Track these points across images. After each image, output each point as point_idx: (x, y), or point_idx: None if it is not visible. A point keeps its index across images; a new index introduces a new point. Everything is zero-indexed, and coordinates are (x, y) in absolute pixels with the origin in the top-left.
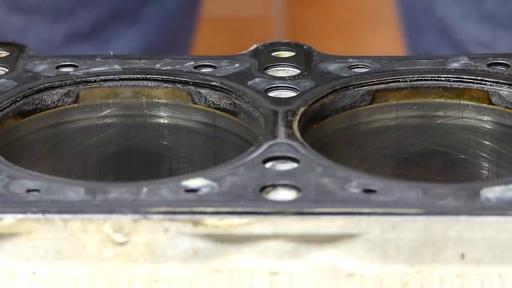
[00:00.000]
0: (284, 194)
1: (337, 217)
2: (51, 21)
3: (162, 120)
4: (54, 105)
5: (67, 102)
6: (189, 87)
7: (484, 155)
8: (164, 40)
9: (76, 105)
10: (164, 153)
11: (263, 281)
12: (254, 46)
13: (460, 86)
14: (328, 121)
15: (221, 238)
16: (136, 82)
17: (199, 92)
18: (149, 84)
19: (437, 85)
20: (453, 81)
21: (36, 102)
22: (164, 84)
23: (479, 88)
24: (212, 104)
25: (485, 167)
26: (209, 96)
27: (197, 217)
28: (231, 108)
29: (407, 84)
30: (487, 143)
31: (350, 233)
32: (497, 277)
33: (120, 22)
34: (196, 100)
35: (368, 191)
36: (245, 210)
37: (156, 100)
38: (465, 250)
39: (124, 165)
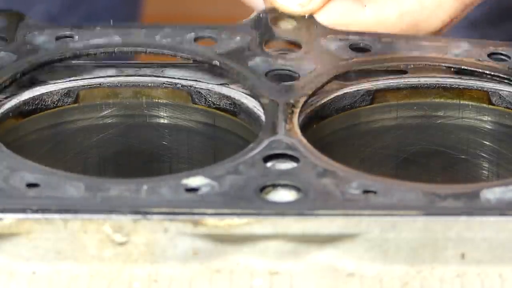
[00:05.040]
0: (284, 194)
1: (337, 217)
2: None
3: (162, 120)
4: (54, 105)
5: (67, 102)
6: (189, 87)
7: (484, 155)
8: None
9: (76, 105)
10: (164, 153)
11: (263, 281)
12: (255, 14)
13: (460, 86)
14: (328, 121)
15: (221, 238)
16: (136, 80)
17: (199, 92)
18: (149, 85)
19: (437, 85)
20: (453, 79)
21: (36, 102)
22: (164, 84)
23: (479, 88)
24: (212, 104)
25: (485, 167)
26: (209, 96)
27: (197, 217)
28: (231, 108)
29: (407, 84)
30: (487, 143)
31: (350, 233)
32: (497, 277)
33: (72, 16)
34: (196, 100)
35: (368, 192)
36: (245, 212)
37: (156, 100)
38: (465, 250)
39: (124, 165)
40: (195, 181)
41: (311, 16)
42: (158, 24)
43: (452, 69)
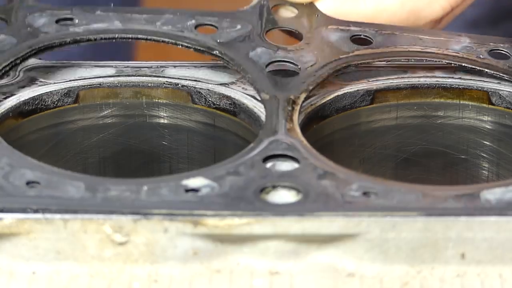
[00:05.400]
0: (284, 195)
1: (337, 217)
2: None
3: (162, 120)
4: (54, 105)
5: (67, 102)
6: (189, 87)
7: (484, 155)
8: None
9: (76, 105)
10: (164, 153)
11: (263, 281)
12: (256, 1)
13: (460, 86)
14: (328, 121)
15: (221, 238)
16: (136, 80)
17: (199, 92)
18: (149, 85)
19: (437, 85)
20: (453, 79)
21: (36, 102)
22: (164, 84)
23: (479, 88)
24: (212, 104)
25: (485, 167)
26: (209, 96)
27: (197, 217)
28: (231, 108)
29: (407, 84)
30: (487, 143)
31: (350, 233)
32: (497, 277)
33: None
34: (196, 100)
35: (368, 193)
36: (245, 214)
37: (156, 100)
38: (465, 250)
39: (124, 165)
40: (195, 182)
41: (312, 4)
42: (159, 9)
43: (453, 64)
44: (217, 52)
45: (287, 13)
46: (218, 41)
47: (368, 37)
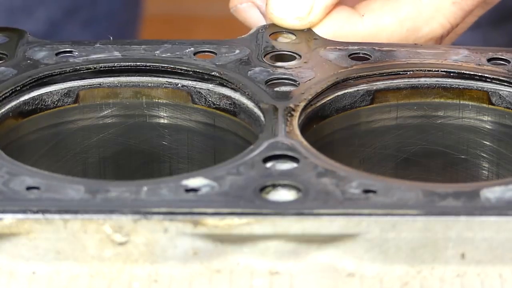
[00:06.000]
0: (284, 194)
1: (337, 217)
2: (5, 22)
3: (162, 120)
4: (54, 105)
5: (67, 102)
6: (189, 87)
7: (484, 155)
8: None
9: (76, 105)
10: (164, 153)
11: (263, 281)
12: (254, 29)
13: (460, 86)
14: (328, 121)
15: (221, 238)
16: (136, 80)
17: (199, 92)
18: (149, 85)
19: (437, 85)
20: (453, 80)
21: (36, 102)
22: (164, 84)
23: (479, 88)
24: (212, 104)
25: (485, 167)
26: (209, 96)
27: (197, 217)
28: (231, 108)
29: (407, 84)
30: (487, 143)
31: (350, 233)
32: (497, 277)
33: (74, 21)
34: (196, 100)
35: (368, 191)
36: (245, 211)
37: (156, 100)
38: (465, 250)
39: (124, 165)
40: (195, 182)
41: (310, 30)
42: (158, 40)
43: (452, 74)
44: (216, 72)
45: (285, 40)
46: (217, 63)
47: (366, 54)
